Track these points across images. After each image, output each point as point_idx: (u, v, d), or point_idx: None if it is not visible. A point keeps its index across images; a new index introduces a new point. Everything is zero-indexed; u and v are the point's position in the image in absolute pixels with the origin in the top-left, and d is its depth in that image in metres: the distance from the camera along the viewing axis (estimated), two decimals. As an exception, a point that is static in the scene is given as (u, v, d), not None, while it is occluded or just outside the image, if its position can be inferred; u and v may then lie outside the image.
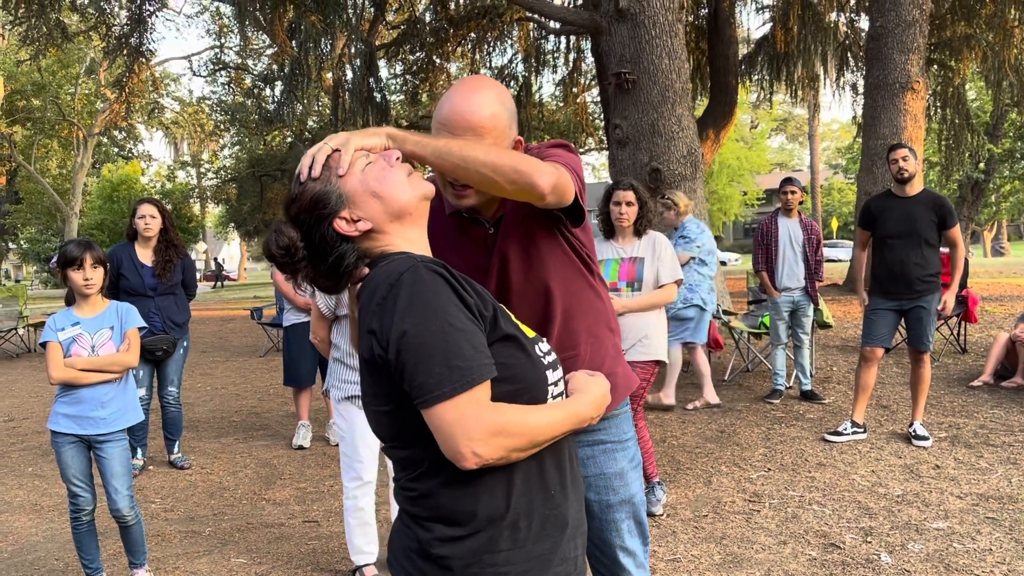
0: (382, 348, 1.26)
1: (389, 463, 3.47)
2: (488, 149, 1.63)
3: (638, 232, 4.16)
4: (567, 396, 1.41)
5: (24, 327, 12.15)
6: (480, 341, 1.28)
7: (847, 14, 15.28)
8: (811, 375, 6.91)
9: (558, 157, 1.86)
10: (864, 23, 14.02)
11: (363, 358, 1.32)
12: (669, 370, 6.27)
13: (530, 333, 1.42)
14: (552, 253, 1.96)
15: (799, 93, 16.04)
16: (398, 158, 1.47)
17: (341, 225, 1.40)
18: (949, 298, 5.23)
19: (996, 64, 14.05)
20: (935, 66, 14.74)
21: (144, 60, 17.26)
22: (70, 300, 3.36)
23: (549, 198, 1.69)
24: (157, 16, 17.57)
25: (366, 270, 1.42)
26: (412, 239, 1.45)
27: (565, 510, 1.39)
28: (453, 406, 1.21)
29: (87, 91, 32.14)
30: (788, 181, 6.65)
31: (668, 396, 6.28)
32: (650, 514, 4.11)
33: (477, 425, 1.21)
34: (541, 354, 1.40)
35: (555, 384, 1.39)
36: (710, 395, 6.52)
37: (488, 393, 1.25)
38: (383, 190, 1.41)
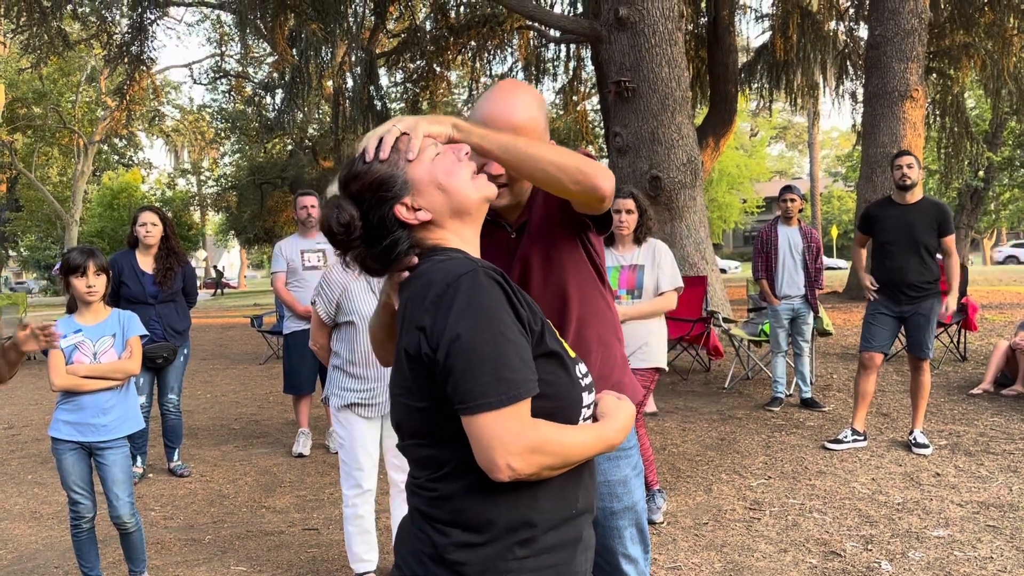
0: (431, 347, 1.25)
1: (389, 472, 3.47)
2: (554, 148, 1.65)
3: (638, 240, 4.17)
4: (595, 419, 1.41)
5: (24, 334, 12.15)
6: (528, 356, 1.27)
7: (846, 23, 15.34)
8: (811, 383, 6.91)
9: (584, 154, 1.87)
10: (863, 32, 14.08)
11: (406, 352, 1.30)
12: None
13: (572, 353, 1.41)
14: (572, 260, 1.98)
15: (798, 101, 16.09)
16: (467, 153, 1.45)
17: (402, 211, 1.38)
18: (951, 301, 5.23)
19: (995, 72, 14.09)
20: (934, 74, 14.79)
21: (145, 68, 17.32)
22: (72, 307, 3.36)
23: (607, 202, 1.74)
24: (158, 24, 17.65)
25: (415, 259, 1.40)
26: (467, 238, 1.44)
27: (582, 526, 1.39)
28: (496, 417, 1.20)
29: (88, 99, 32.21)
30: (787, 189, 6.66)
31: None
32: (651, 522, 4.10)
33: (517, 440, 1.21)
34: (580, 375, 1.39)
35: (587, 407, 1.38)
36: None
37: (529, 409, 1.25)
38: (450, 184, 1.40)
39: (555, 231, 1.95)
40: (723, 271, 33.60)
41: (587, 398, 1.38)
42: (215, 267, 43.80)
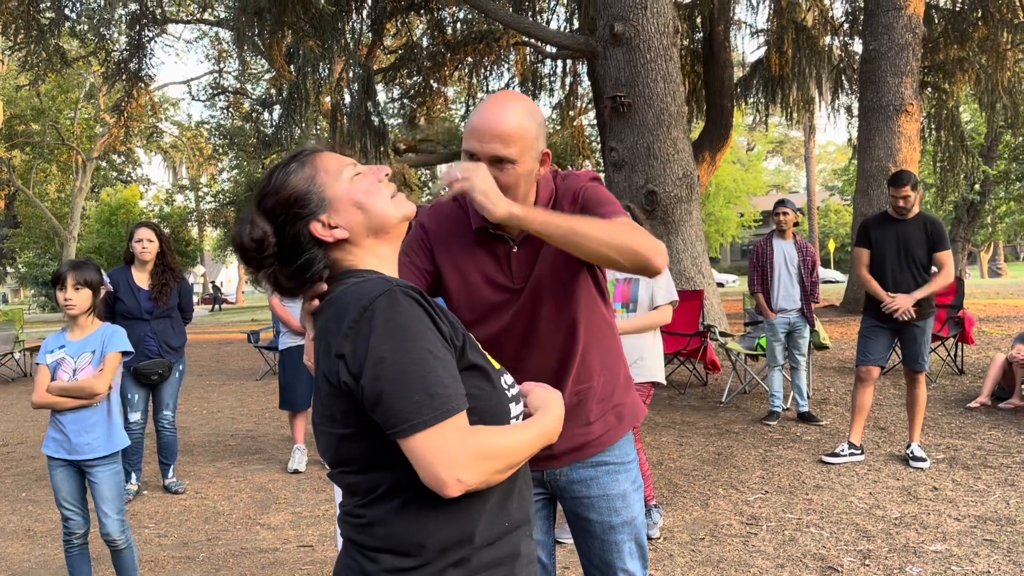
0: (352, 374, 1.22)
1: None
2: (610, 228, 1.75)
3: (633, 254, 4.17)
4: (525, 416, 1.39)
5: (20, 351, 12.12)
6: (455, 371, 1.25)
7: (841, 38, 15.43)
8: (808, 397, 6.90)
9: (616, 207, 1.89)
10: (858, 46, 14.16)
11: (326, 380, 1.27)
12: None
13: (496, 364, 1.39)
14: (577, 281, 1.97)
15: (794, 115, 16.15)
16: (387, 175, 1.44)
17: (317, 228, 1.35)
18: (916, 293, 5.06)
19: (989, 86, 14.16)
20: (929, 88, 14.86)
21: (143, 85, 17.40)
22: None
23: (659, 274, 1.82)
24: (156, 42, 17.74)
25: (324, 286, 1.38)
26: (384, 256, 1.42)
27: (518, 541, 1.36)
28: (435, 433, 1.18)
29: (86, 116, 32.29)
30: (781, 203, 6.68)
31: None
32: (648, 537, 4.08)
33: (460, 452, 1.19)
34: (506, 386, 1.37)
35: (516, 418, 1.36)
36: None
37: (466, 420, 1.23)
38: (369, 202, 1.38)
39: (560, 251, 1.90)
40: (720, 285, 33.60)
41: (514, 409, 1.36)
42: (213, 283, 43.79)
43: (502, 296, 1.95)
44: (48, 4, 15.78)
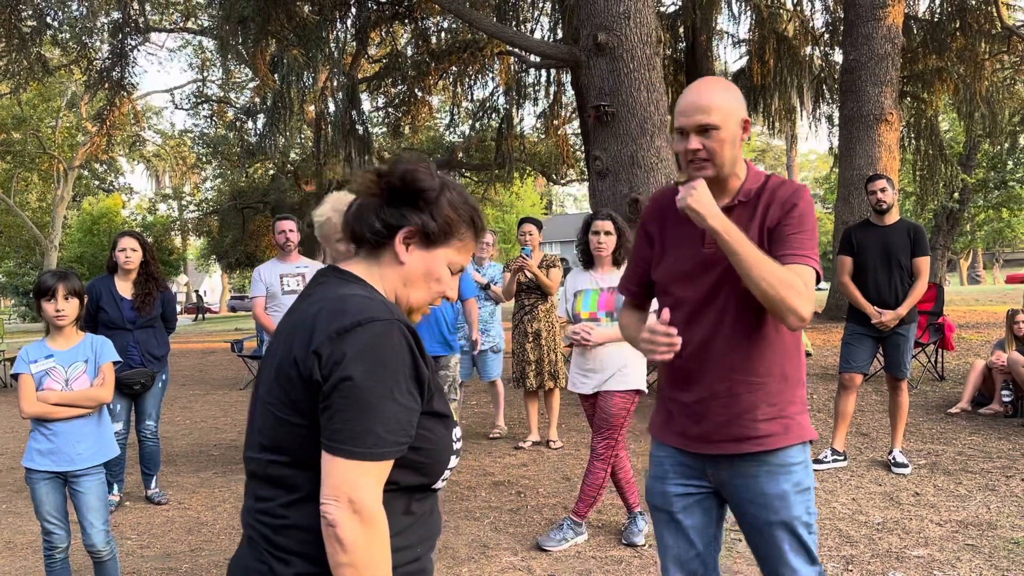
0: (322, 376, 1.25)
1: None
2: (778, 270, 1.94)
3: (616, 262, 4.20)
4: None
5: (1, 361, 11.99)
6: (411, 421, 1.28)
7: (821, 48, 15.57)
8: (792, 403, 6.93)
9: (807, 254, 2.03)
10: (838, 57, 14.28)
11: (296, 369, 1.29)
12: (499, 400, 6.91)
13: (456, 418, 1.45)
14: None
15: (776, 125, 16.27)
16: (462, 269, 1.52)
17: (407, 234, 1.42)
18: (899, 310, 5.13)
19: (968, 96, 14.32)
20: (908, 98, 15.01)
21: (126, 93, 17.30)
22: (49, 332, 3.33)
23: (795, 328, 2.02)
24: (139, 50, 17.64)
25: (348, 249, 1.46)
26: (386, 291, 1.46)
27: (426, 562, 1.41)
28: (357, 467, 1.22)
29: (68, 124, 32.06)
30: None
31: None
32: (632, 544, 4.10)
33: (366, 495, 1.22)
34: (455, 439, 1.43)
35: (451, 469, 1.42)
36: (500, 420, 6.96)
37: (388, 469, 1.27)
38: (430, 286, 1.47)
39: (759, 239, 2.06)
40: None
41: (453, 461, 1.42)
42: (196, 292, 43.52)
43: (699, 263, 2.11)
44: (30, 12, 15.68)
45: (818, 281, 2.05)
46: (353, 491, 1.21)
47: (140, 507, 5.26)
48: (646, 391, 4.21)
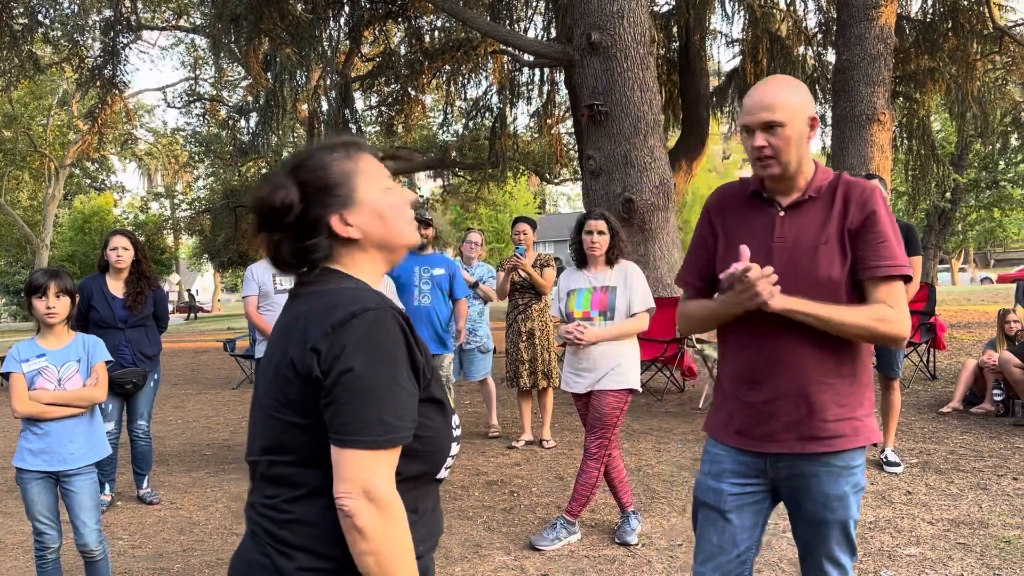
0: (322, 371, 1.25)
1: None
2: (858, 315, 2.00)
3: (610, 261, 4.20)
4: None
5: (-9, 361, 11.92)
6: (414, 405, 1.29)
7: (814, 48, 15.60)
8: (784, 403, 6.94)
9: (895, 262, 2.05)
10: (831, 57, 14.32)
11: (294, 368, 1.29)
12: (491, 400, 6.91)
13: (452, 404, 1.44)
14: (839, 282, 2.09)
15: (769, 125, 16.29)
16: (412, 202, 1.49)
17: (336, 221, 1.38)
18: None
19: (959, 96, 14.37)
20: (900, 98, 15.04)
21: (117, 91, 17.22)
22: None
23: (899, 345, 2.14)
24: (131, 48, 17.57)
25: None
26: (374, 273, 1.45)
27: (429, 561, 1.41)
28: (368, 456, 1.22)
29: (59, 122, 31.90)
30: None
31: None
32: (625, 544, 4.10)
33: (381, 482, 1.23)
34: (455, 425, 1.42)
35: (453, 457, 1.42)
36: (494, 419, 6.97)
37: (397, 455, 1.27)
38: (390, 217, 1.42)
39: (831, 251, 2.08)
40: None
41: (454, 448, 1.42)
42: (188, 291, 43.39)
43: (767, 257, 2.11)
44: (21, 10, 15.60)
45: (908, 281, 2.07)
46: (367, 481, 1.22)
47: (132, 507, 5.24)
48: (639, 390, 4.21)
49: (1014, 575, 3.55)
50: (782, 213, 2.14)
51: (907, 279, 2.05)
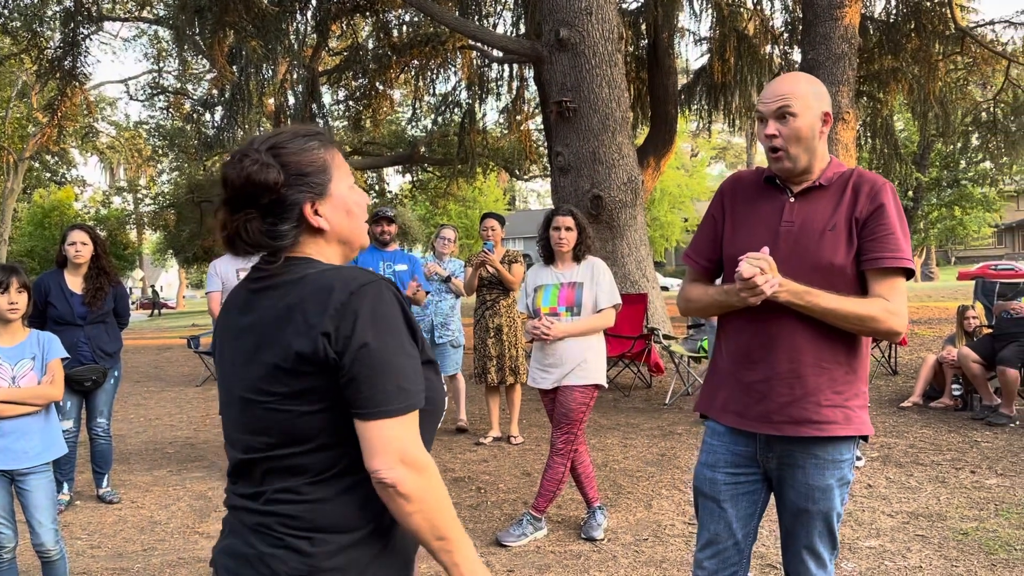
0: (336, 352, 1.27)
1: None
2: (856, 305, 2.03)
3: (577, 257, 4.20)
4: None
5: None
6: (420, 368, 1.34)
7: (780, 47, 15.76)
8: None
9: (898, 254, 2.07)
10: (797, 56, 14.47)
11: (303, 359, 1.28)
12: (459, 395, 6.85)
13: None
14: (843, 268, 2.11)
15: (737, 122, 16.46)
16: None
17: (307, 209, 1.39)
18: None
19: (922, 96, 14.61)
20: (864, 97, 15.26)
21: (78, 84, 16.90)
22: None
23: (895, 338, 2.16)
24: (92, 39, 17.25)
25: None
26: (334, 261, 1.47)
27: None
28: (396, 423, 1.26)
29: (18, 115, 31.24)
30: None
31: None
32: (591, 539, 4.11)
33: (412, 446, 1.28)
34: (444, 383, 1.47)
35: (443, 411, 1.48)
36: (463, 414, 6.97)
37: (417, 418, 1.32)
38: (356, 213, 1.46)
39: (837, 237, 2.10)
40: (664, 289, 34.02)
41: (444, 404, 1.48)
42: (152, 287, 42.78)
43: (772, 239, 2.14)
44: (-23, -1, 15.26)
45: (911, 277, 2.10)
46: (401, 448, 1.26)
47: (91, 506, 5.14)
48: (605, 386, 4.22)
49: (971, 566, 3.62)
50: (792, 199, 2.18)
51: (909, 273, 2.08)
